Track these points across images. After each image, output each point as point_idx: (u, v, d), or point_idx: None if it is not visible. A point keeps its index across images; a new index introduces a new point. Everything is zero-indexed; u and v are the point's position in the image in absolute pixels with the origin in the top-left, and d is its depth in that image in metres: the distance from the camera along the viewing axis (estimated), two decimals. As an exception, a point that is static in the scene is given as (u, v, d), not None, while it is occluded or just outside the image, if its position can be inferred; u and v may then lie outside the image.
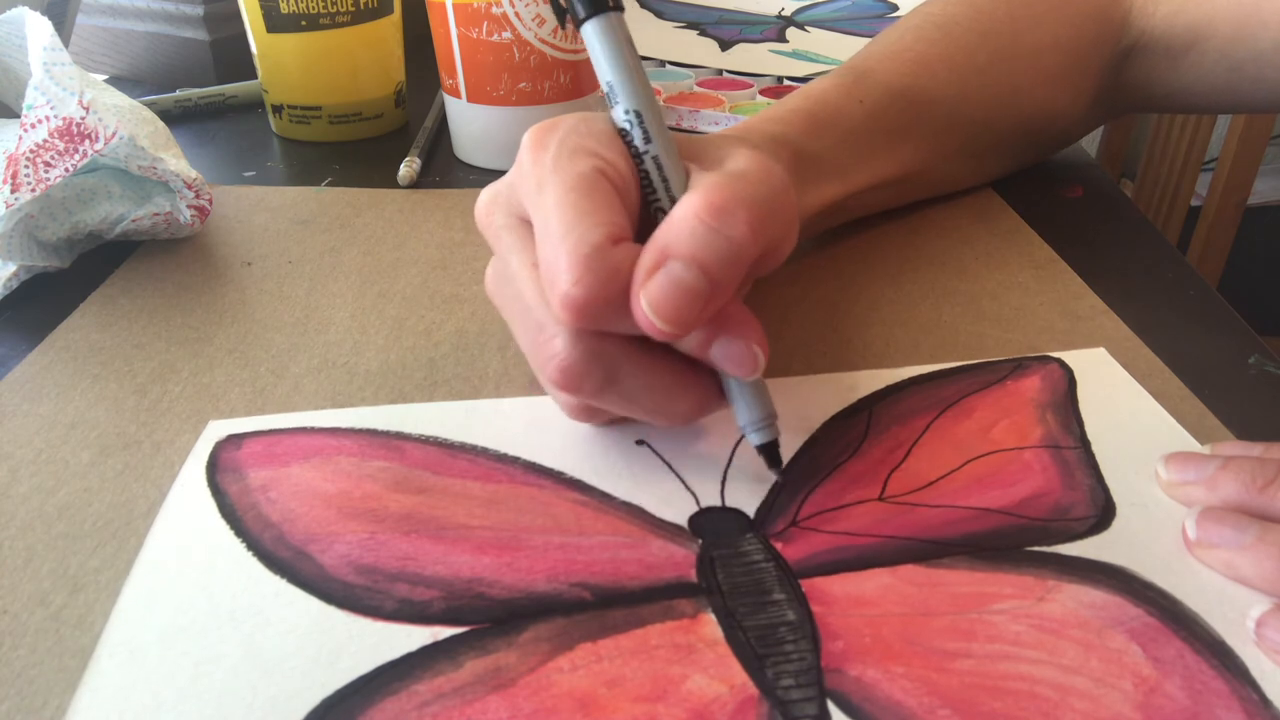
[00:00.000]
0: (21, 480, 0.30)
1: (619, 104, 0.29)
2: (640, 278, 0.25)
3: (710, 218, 0.25)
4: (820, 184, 0.38)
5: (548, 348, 0.27)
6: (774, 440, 0.29)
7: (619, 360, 0.27)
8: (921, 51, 0.44)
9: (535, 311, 0.28)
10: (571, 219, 0.26)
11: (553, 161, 0.27)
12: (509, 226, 0.29)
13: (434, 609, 0.25)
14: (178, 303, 0.40)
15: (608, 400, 0.28)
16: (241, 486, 0.29)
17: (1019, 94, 0.45)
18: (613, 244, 0.26)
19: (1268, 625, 0.24)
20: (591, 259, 0.25)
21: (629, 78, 0.29)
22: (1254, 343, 0.36)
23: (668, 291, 0.25)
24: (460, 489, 0.29)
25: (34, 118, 0.39)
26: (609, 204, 0.26)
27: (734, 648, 0.24)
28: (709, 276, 0.25)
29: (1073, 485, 0.29)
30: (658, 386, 0.28)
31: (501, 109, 0.50)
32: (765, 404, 0.29)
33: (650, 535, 0.28)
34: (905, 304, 0.39)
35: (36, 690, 0.23)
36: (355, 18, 0.55)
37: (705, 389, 0.28)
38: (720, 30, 0.74)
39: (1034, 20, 0.46)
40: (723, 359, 0.27)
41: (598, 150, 0.27)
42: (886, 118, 0.41)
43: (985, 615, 0.25)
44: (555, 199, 0.26)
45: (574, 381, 0.27)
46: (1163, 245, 0.44)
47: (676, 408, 0.28)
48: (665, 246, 0.26)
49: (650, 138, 0.28)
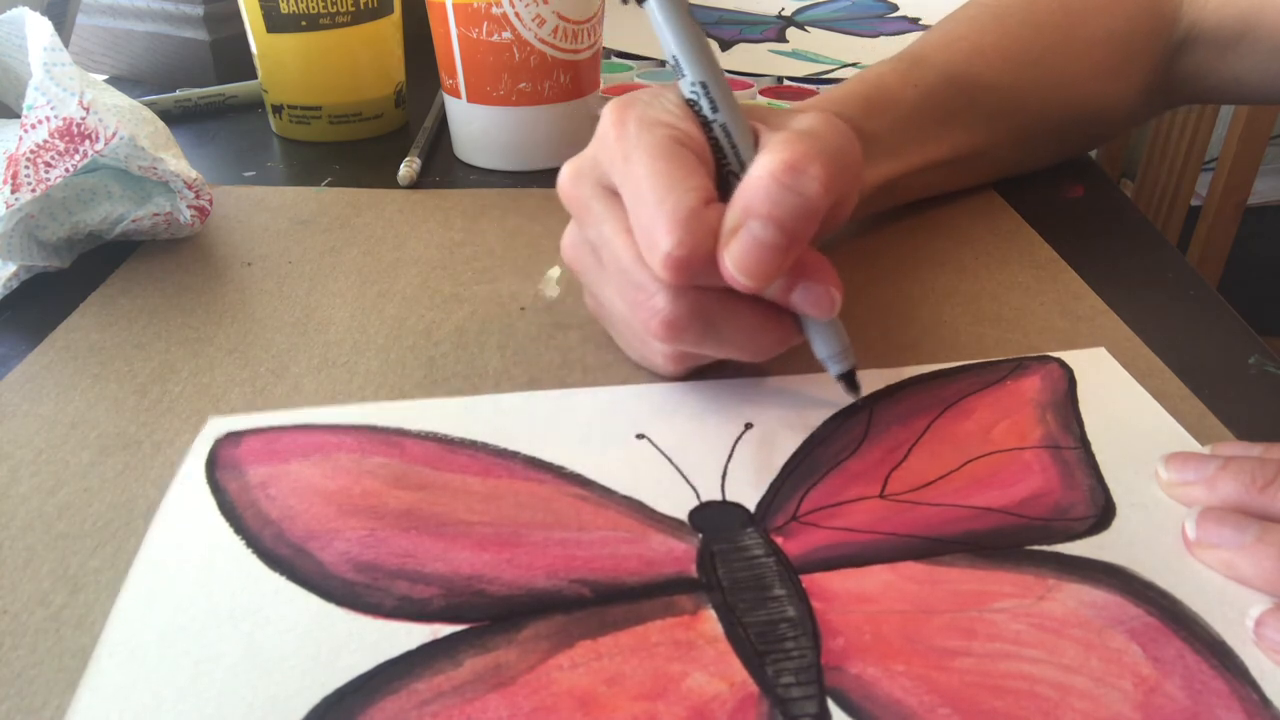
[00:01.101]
0: (21, 480, 0.30)
1: (686, 76, 0.31)
2: (725, 238, 0.28)
3: (785, 176, 0.28)
4: (876, 162, 0.40)
5: (650, 304, 0.29)
6: (852, 369, 0.32)
7: (714, 309, 0.30)
8: (975, 40, 0.45)
9: (633, 274, 0.30)
10: (665, 186, 0.28)
11: (635, 134, 0.29)
12: (597, 196, 0.31)
13: (434, 606, 0.25)
14: (178, 303, 0.40)
15: (705, 345, 0.30)
16: (241, 484, 0.29)
17: (1071, 85, 0.46)
18: (704, 206, 0.28)
19: (1267, 625, 0.24)
20: (689, 221, 0.27)
21: (694, 50, 0.31)
22: (1254, 343, 0.36)
23: (749, 249, 0.27)
24: (460, 484, 0.29)
25: (34, 118, 0.39)
26: (694, 169, 0.29)
27: (734, 644, 0.24)
28: (785, 232, 0.28)
29: (1073, 485, 0.29)
30: (746, 329, 0.30)
31: (501, 109, 0.50)
32: (842, 337, 0.31)
33: (650, 530, 0.28)
34: (905, 304, 0.39)
35: (36, 690, 0.23)
36: (355, 18, 0.55)
37: (788, 326, 0.31)
38: (720, 30, 0.74)
39: (1088, 13, 0.46)
40: (803, 303, 0.30)
41: (673, 121, 0.30)
42: (939, 102, 0.42)
43: (985, 614, 0.25)
44: (645, 168, 0.28)
45: (677, 333, 0.30)
46: (1163, 245, 0.44)
47: (763, 343, 0.31)
48: (746, 207, 0.28)
49: (717, 106, 0.30)
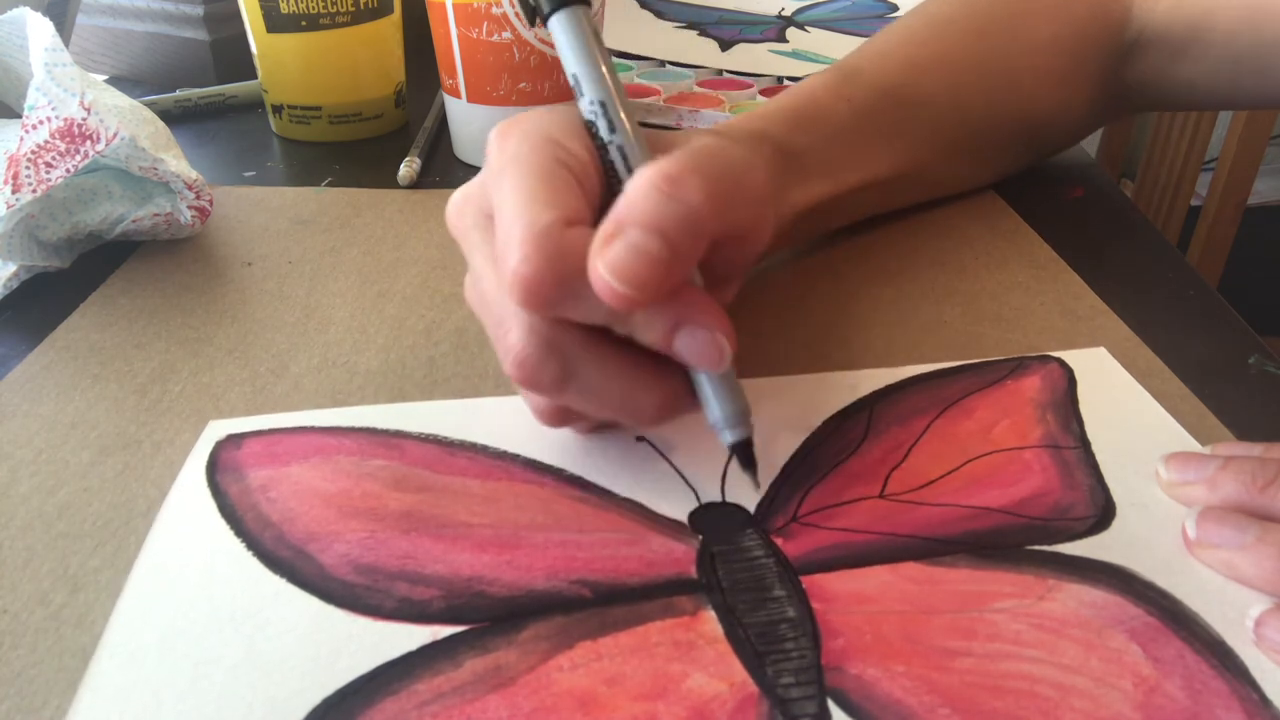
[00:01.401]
0: (21, 480, 0.30)
1: (584, 95, 0.29)
2: (597, 247, 0.25)
3: (664, 184, 0.25)
4: (807, 181, 0.38)
5: (505, 341, 0.27)
6: (747, 439, 0.28)
7: (577, 352, 0.26)
8: (913, 51, 0.43)
9: (495, 306, 0.28)
10: (524, 203, 0.26)
11: (513, 150, 0.27)
12: (477, 225, 0.29)
13: (434, 608, 0.25)
14: (178, 303, 0.40)
15: (569, 397, 0.27)
16: (241, 486, 0.29)
17: (1017, 94, 0.45)
18: (565, 225, 0.25)
19: (1267, 625, 0.24)
20: (540, 237, 0.25)
21: (593, 68, 0.29)
22: (1254, 343, 0.36)
23: (625, 257, 0.24)
24: (460, 487, 0.29)
25: (35, 118, 0.39)
26: (565, 188, 0.26)
27: (734, 645, 0.24)
28: (667, 241, 0.25)
29: (1073, 485, 0.29)
30: (620, 381, 0.27)
31: (501, 109, 0.50)
32: (736, 399, 0.27)
33: (650, 531, 0.28)
34: (905, 304, 0.39)
35: (36, 690, 0.23)
36: (355, 18, 0.55)
37: (672, 385, 0.27)
38: (720, 30, 0.74)
39: (1032, 19, 0.45)
40: (687, 351, 0.26)
41: (558, 138, 0.28)
42: (875, 116, 0.41)
43: (985, 614, 0.25)
44: (511, 186, 0.26)
45: (531, 374, 0.26)
46: (1163, 245, 0.44)
47: (641, 404, 0.27)
48: (622, 216, 0.25)
49: (615, 127, 0.28)
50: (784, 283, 0.40)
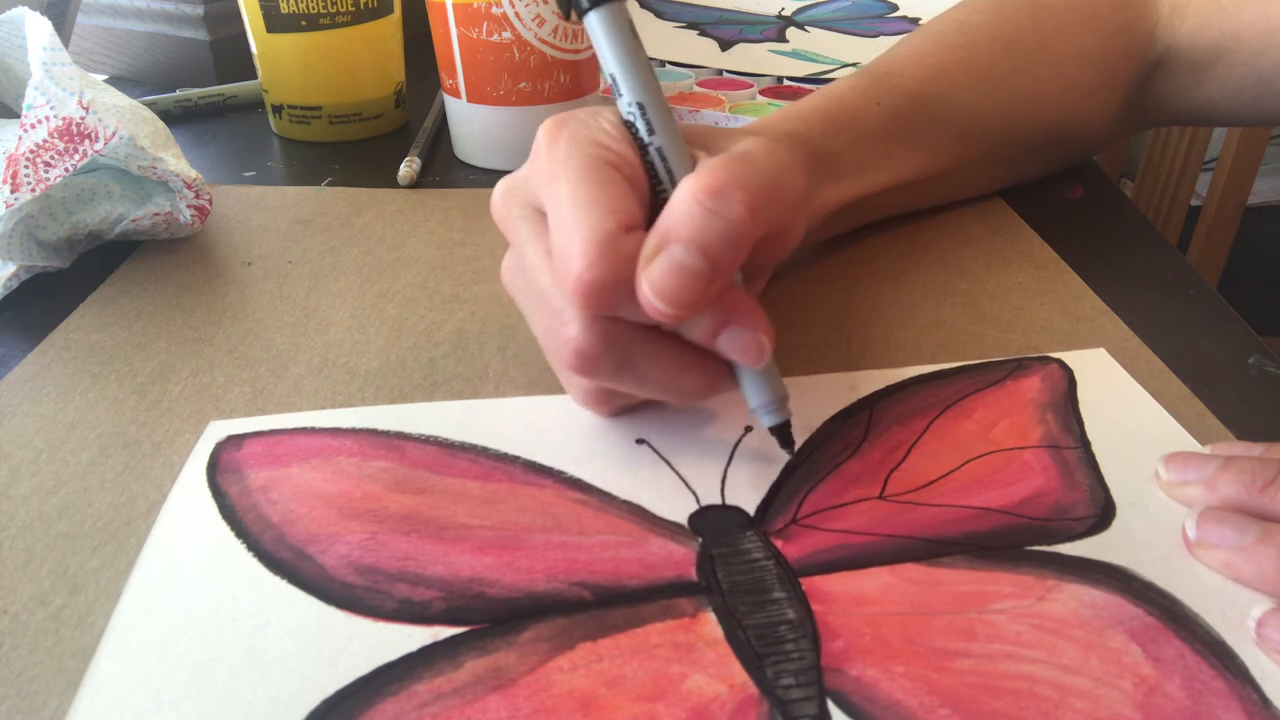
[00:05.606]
0: (21, 480, 0.30)
1: (623, 96, 0.29)
2: (643, 262, 0.26)
3: (707, 199, 0.26)
4: (837, 182, 0.39)
5: (563, 333, 0.28)
6: (786, 422, 0.29)
7: (632, 343, 0.28)
8: (943, 57, 0.44)
9: (551, 298, 0.29)
10: (585, 208, 0.27)
11: (564, 153, 0.28)
12: (525, 217, 0.30)
13: (434, 609, 0.25)
14: (178, 303, 0.40)
15: (623, 382, 0.29)
16: (242, 487, 0.29)
17: (1042, 104, 0.45)
18: (624, 231, 0.26)
19: (1268, 625, 0.24)
20: (604, 245, 0.26)
21: (632, 69, 0.29)
22: (1254, 343, 0.36)
23: (668, 274, 0.26)
24: (460, 489, 0.29)
25: (34, 118, 0.39)
26: (620, 193, 0.27)
27: (734, 647, 0.24)
28: (708, 258, 0.26)
29: (1073, 485, 0.29)
30: (669, 368, 0.28)
31: (501, 109, 0.50)
32: (776, 387, 0.29)
33: (650, 534, 0.28)
34: (906, 304, 0.39)
35: (36, 690, 0.23)
36: (355, 18, 0.55)
37: (716, 371, 0.29)
38: (720, 30, 0.74)
39: (1061, 31, 0.45)
40: (729, 348, 0.28)
41: (607, 142, 0.28)
42: (904, 120, 0.41)
43: (985, 614, 0.25)
44: (568, 189, 0.27)
45: (590, 365, 0.28)
46: (1163, 245, 0.44)
47: (687, 386, 0.29)
48: (666, 231, 0.26)
49: (654, 129, 0.29)
50: (784, 283, 0.40)
